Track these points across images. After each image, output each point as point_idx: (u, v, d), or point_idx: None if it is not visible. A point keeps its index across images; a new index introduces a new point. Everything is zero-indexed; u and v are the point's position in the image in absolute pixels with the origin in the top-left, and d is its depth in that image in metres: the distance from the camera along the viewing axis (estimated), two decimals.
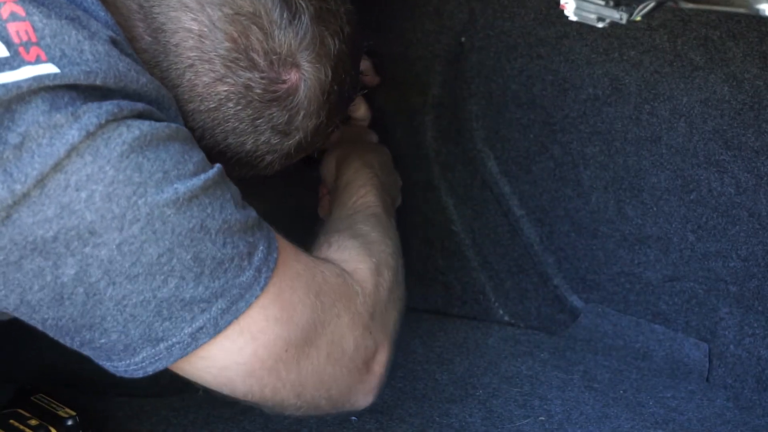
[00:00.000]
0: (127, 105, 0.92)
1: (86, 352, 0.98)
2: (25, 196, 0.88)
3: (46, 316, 0.93)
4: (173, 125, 0.96)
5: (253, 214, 1.01)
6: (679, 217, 1.43)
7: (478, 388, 1.47)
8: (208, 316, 0.96)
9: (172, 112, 1.00)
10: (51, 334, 0.96)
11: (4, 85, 0.88)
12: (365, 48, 1.23)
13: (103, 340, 0.95)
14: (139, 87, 0.95)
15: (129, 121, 0.92)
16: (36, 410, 1.24)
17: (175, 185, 0.93)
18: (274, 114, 1.08)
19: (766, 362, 1.37)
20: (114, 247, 0.91)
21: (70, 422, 1.22)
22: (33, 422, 1.18)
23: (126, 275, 0.92)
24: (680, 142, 1.39)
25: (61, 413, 1.24)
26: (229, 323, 0.97)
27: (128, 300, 0.93)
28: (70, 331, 0.95)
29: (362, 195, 1.26)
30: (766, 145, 1.30)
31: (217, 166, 0.98)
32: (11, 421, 1.18)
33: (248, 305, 0.97)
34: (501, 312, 1.65)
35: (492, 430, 1.38)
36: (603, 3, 0.93)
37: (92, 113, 0.89)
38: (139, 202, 0.91)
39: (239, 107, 1.06)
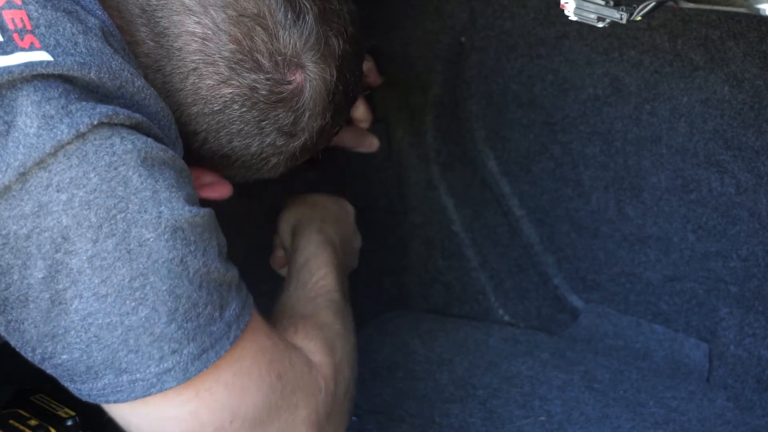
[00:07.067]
0: (124, 112, 0.90)
1: (49, 370, 0.94)
2: (6, 189, 0.86)
3: (9, 318, 0.91)
4: (171, 152, 0.93)
5: (235, 272, 0.98)
6: (680, 217, 1.43)
7: (478, 388, 1.47)
8: (178, 358, 0.91)
9: (172, 132, 0.98)
10: (14, 343, 0.93)
11: None
12: (368, 48, 1.22)
13: (65, 356, 0.92)
14: (136, 91, 0.93)
15: (124, 132, 0.89)
16: (36, 410, 1.23)
17: (161, 208, 0.90)
18: (280, 115, 1.06)
19: (766, 362, 1.37)
20: (85, 258, 0.88)
21: (69, 422, 1.22)
22: (33, 422, 1.17)
23: (94, 292, 0.89)
24: (680, 142, 1.39)
25: (60, 413, 1.23)
26: (199, 371, 0.92)
27: (94, 318, 0.89)
28: (32, 339, 0.91)
29: (322, 276, 1.20)
30: (766, 145, 1.30)
31: (209, 209, 0.95)
32: (11, 421, 1.18)
33: (218, 356, 0.93)
34: (501, 312, 1.64)
35: (492, 431, 1.38)
36: (603, 3, 0.93)
37: (85, 112, 0.87)
38: (118, 216, 0.88)
39: (244, 109, 1.04)
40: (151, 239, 0.89)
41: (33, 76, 0.87)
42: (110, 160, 0.88)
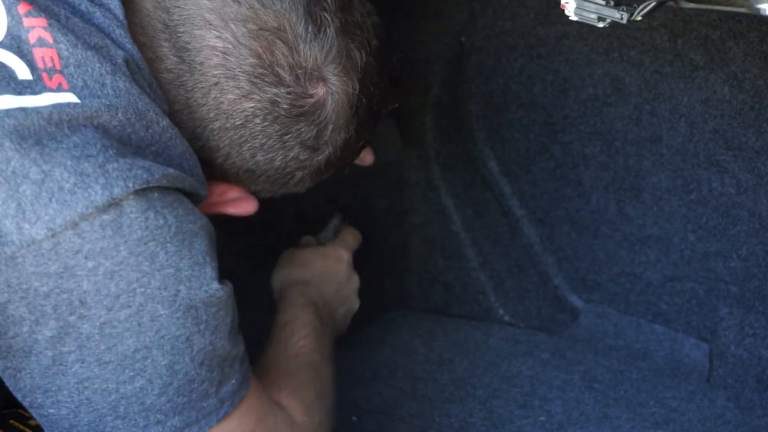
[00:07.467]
0: (159, 171, 0.91)
1: (34, 415, 0.95)
2: (35, 243, 0.86)
3: (9, 364, 0.92)
4: (202, 219, 0.95)
5: (242, 346, 1.00)
6: (680, 217, 1.43)
7: (478, 388, 1.47)
8: (160, 429, 0.94)
9: (199, 171, 0.99)
10: (5, 381, 0.94)
11: (23, 109, 0.87)
12: (394, 60, 1.21)
13: (52, 410, 0.93)
14: (162, 131, 0.94)
15: (159, 205, 0.90)
16: None
17: (180, 287, 0.91)
18: (302, 129, 1.05)
19: (766, 362, 1.37)
20: (97, 324, 0.89)
21: None
22: (33, 422, 1.17)
23: (97, 357, 0.90)
24: (681, 142, 1.39)
25: None
26: None
27: (90, 383, 0.91)
28: (25, 388, 0.93)
29: (303, 336, 1.24)
30: (766, 145, 1.30)
31: (229, 286, 0.97)
32: (11, 421, 1.18)
33: None
34: (501, 312, 1.65)
35: (492, 431, 1.38)
36: (603, 3, 0.93)
37: (121, 173, 0.88)
38: (138, 290, 0.89)
39: (266, 123, 1.04)
40: (164, 316, 0.91)
41: (69, 125, 0.88)
42: (142, 234, 0.89)
